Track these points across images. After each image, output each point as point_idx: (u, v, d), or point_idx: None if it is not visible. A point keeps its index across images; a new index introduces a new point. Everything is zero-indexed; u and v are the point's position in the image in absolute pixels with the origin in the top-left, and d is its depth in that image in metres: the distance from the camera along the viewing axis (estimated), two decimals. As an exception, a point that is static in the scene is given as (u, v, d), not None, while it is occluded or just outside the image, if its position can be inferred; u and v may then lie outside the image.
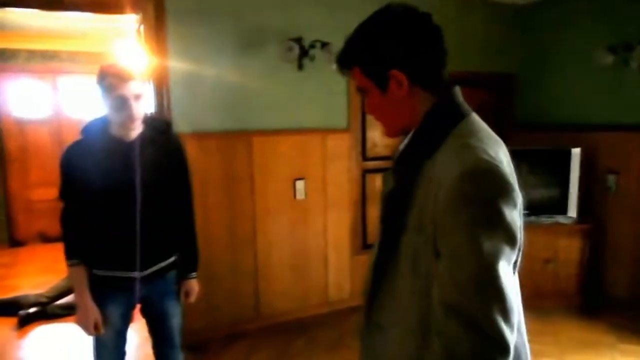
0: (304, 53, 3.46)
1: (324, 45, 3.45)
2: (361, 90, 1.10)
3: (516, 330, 0.89)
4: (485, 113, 1.21)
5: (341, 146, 3.80)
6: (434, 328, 0.91)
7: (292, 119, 3.61)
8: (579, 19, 4.01)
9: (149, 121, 1.96)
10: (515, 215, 0.89)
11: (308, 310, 3.78)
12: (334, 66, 1.14)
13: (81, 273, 1.90)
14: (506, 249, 0.87)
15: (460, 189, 0.87)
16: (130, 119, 1.81)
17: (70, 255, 1.90)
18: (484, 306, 0.84)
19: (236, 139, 3.41)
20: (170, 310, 2.08)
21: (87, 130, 1.93)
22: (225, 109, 3.38)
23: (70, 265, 1.90)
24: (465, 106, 1.05)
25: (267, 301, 3.64)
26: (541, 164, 3.94)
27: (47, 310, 3.91)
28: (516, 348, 0.94)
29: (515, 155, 1.06)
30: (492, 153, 0.92)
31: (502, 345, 0.84)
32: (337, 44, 3.39)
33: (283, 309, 3.69)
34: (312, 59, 3.48)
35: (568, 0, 4.06)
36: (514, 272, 0.98)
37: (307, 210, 3.73)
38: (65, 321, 3.86)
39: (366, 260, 3.95)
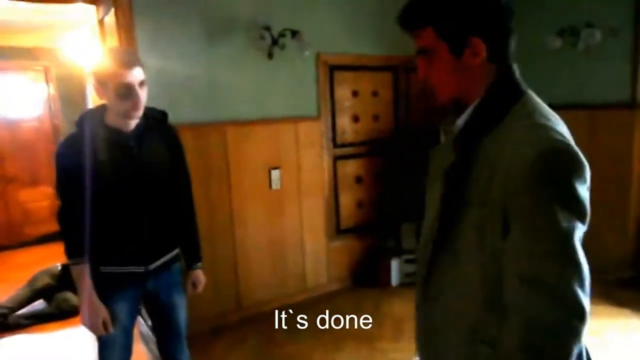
0: (273, 42, 3.44)
1: (294, 33, 3.45)
2: (424, 53, 1.05)
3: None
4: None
5: (313, 134, 3.82)
6: (508, 300, 0.93)
7: (264, 109, 3.58)
8: (527, 4, 4.24)
9: (145, 111, 1.90)
10: (586, 192, 0.91)
11: (288, 298, 3.79)
12: (305, 53, 1.09)
13: (85, 272, 1.82)
14: (579, 225, 0.90)
15: (537, 170, 0.88)
16: (136, 107, 1.75)
17: (71, 254, 1.82)
18: (561, 274, 0.87)
19: (210, 131, 3.35)
20: (178, 302, 2.05)
21: (82, 122, 1.85)
22: (197, 101, 3.30)
23: (72, 264, 1.82)
24: (524, 83, 1.05)
25: (247, 291, 3.62)
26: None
27: (8, 321, 3.68)
28: None
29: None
30: (561, 131, 0.95)
31: (579, 312, 0.87)
32: (307, 32, 3.43)
33: (263, 298, 3.69)
34: (282, 47, 3.47)
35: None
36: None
37: (283, 199, 3.73)
38: (29, 332, 3.66)
39: (341, 246, 3.97)
